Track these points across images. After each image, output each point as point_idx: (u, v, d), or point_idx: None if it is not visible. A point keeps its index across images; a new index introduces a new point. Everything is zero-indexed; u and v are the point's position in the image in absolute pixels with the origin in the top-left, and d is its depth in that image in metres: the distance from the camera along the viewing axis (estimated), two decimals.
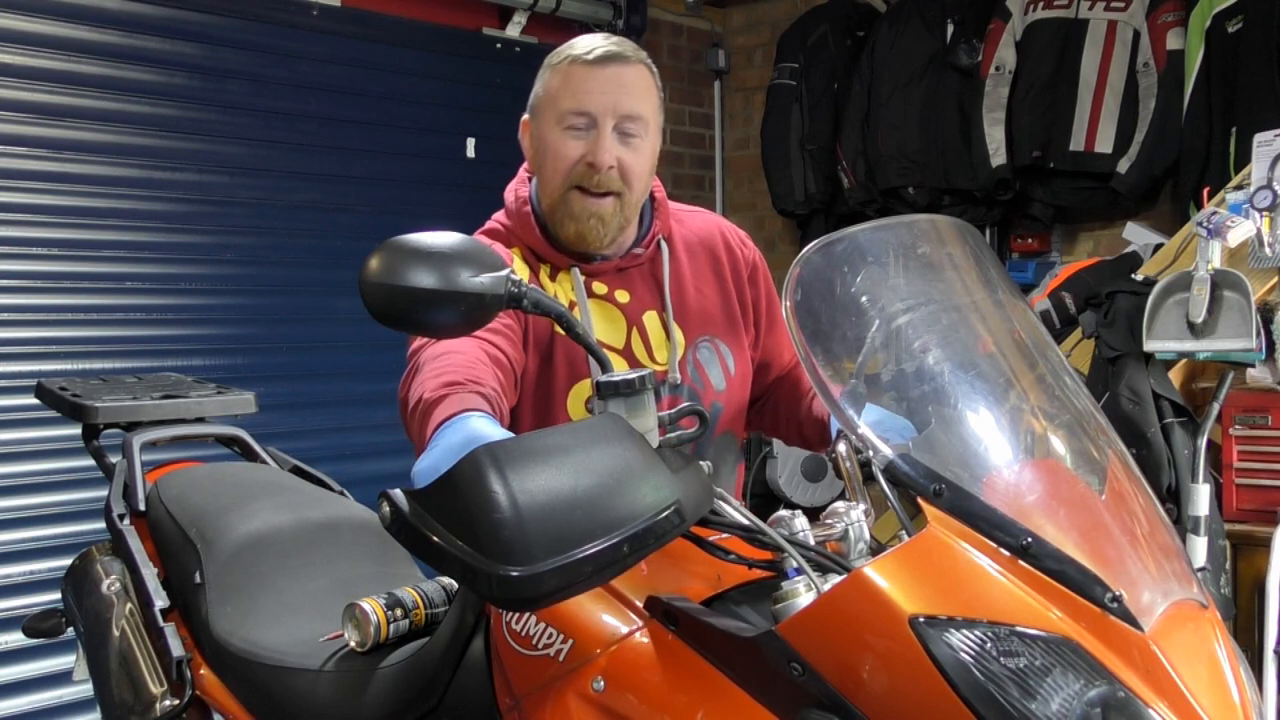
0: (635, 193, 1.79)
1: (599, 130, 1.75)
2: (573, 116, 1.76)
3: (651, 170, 1.83)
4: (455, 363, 1.59)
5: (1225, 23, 3.78)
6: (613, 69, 1.75)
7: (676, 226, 1.93)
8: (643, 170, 1.79)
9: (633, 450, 1.15)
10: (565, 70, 1.77)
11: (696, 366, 1.86)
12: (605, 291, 1.84)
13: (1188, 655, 1.13)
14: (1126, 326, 3.05)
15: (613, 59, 1.75)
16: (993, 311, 1.41)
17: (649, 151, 1.80)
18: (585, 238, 1.79)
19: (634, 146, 1.77)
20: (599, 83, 1.75)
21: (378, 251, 1.30)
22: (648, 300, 1.85)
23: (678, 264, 1.89)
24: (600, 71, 1.75)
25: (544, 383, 1.80)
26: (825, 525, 1.29)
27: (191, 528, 2.06)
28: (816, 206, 4.82)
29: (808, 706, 1.14)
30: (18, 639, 3.10)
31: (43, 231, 3.43)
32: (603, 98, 1.74)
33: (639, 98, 1.77)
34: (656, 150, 1.83)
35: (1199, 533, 2.85)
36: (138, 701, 1.99)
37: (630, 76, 1.76)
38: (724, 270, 1.93)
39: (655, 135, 1.82)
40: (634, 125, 1.76)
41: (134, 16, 3.60)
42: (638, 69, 1.78)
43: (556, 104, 1.77)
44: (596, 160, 1.74)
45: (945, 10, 4.42)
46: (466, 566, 1.05)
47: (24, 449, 3.37)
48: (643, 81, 1.78)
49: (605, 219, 1.78)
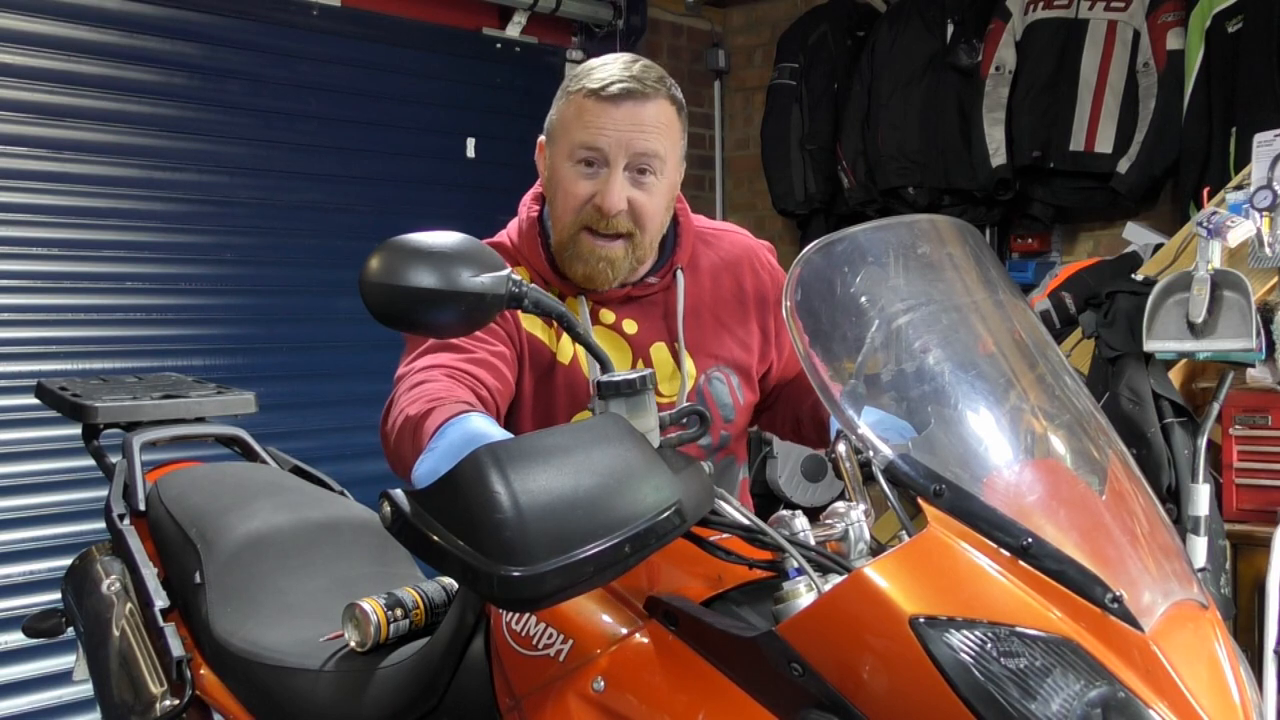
0: (649, 234, 1.72)
1: (610, 170, 1.67)
2: (584, 151, 1.68)
3: (668, 207, 1.76)
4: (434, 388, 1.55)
5: (1225, 23, 3.78)
6: (628, 107, 1.66)
7: (702, 249, 1.86)
8: (657, 210, 1.72)
9: (634, 450, 1.15)
10: (580, 102, 1.68)
11: (706, 399, 1.82)
12: (613, 320, 1.79)
13: (1188, 655, 1.13)
14: (1126, 326, 3.05)
15: (628, 96, 1.66)
16: (993, 311, 1.41)
17: (665, 189, 1.72)
18: (594, 279, 1.73)
19: (647, 186, 1.69)
20: (612, 120, 1.66)
21: (378, 251, 1.30)
22: (657, 331, 1.80)
23: (698, 290, 1.83)
24: (614, 109, 1.66)
25: (543, 407, 1.77)
26: (825, 525, 1.29)
27: (191, 528, 2.06)
28: (816, 206, 4.82)
29: (808, 707, 1.14)
30: (18, 639, 3.10)
31: (43, 231, 3.43)
32: (616, 135, 1.66)
33: (655, 135, 1.68)
34: (676, 185, 1.76)
35: (1199, 533, 2.85)
36: (138, 701, 1.99)
37: (648, 113, 1.67)
38: (747, 298, 1.87)
39: (674, 170, 1.74)
40: (649, 163, 1.68)
41: (134, 16, 3.60)
42: (657, 104, 1.68)
43: (569, 135, 1.70)
44: (605, 204, 1.67)
45: (945, 10, 4.42)
46: (467, 566, 1.05)
47: (24, 449, 3.37)
48: (661, 116, 1.69)
49: (615, 262, 1.72)
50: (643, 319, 1.80)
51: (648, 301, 1.80)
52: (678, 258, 1.82)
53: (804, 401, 1.91)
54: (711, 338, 1.83)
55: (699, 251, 1.86)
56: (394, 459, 1.54)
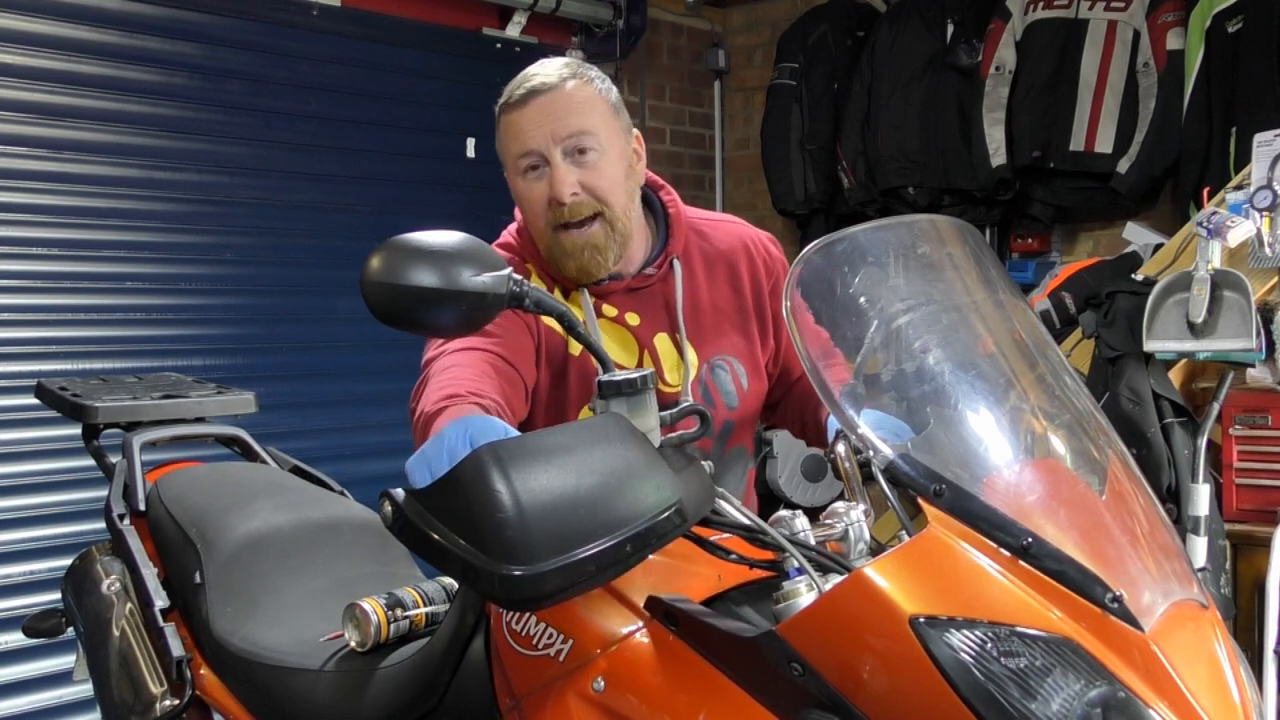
0: (616, 205, 1.76)
1: (551, 164, 1.73)
2: (522, 160, 1.75)
3: (628, 175, 1.79)
4: (458, 376, 1.59)
5: (1225, 23, 3.78)
6: (538, 101, 1.73)
7: (697, 240, 1.89)
8: (614, 180, 1.75)
9: (635, 450, 1.15)
10: (504, 119, 1.77)
11: (709, 387, 1.85)
12: (615, 314, 1.82)
13: (1188, 655, 1.13)
14: (1126, 326, 3.05)
15: (535, 93, 1.73)
16: (993, 311, 1.41)
17: (613, 159, 1.76)
18: (588, 270, 1.77)
19: (591, 164, 1.74)
20: (530, 119, 1.73)
21: (379, 250, 1.30)
22: (659, 322, 1.83)
23: (694, 281, 1.86)
24: (527, 109, 1.73)
25: (557, 399, 1.80)
26: (825, 525, 1.29)
27: (191, 528, 2.06)
28: (816, 206, 4.82)
29: (808, 707, 1.14)
30: (18, 639, 3.10)
31: (43, 231, 3.43)
32: (539, 131, 1.73)
33: (575, 114, 1.73)
34: (625, 152, 1.79)
35: (1199, 533, 2.85)
36: (138, 701, 1.99)
37: (559, 101, 1.73)
38: (744, 285, 1.89)
39: (615, 140, 1.77)
40: (581, 141, 1.73)
41: (134, 16, 3.60)
42: (566, 89, 1.74)
43: (507, 152, 1.78)
44: (557, 193, 1.73)
45: (945, 10, 4.42)
46: (468, 565, 1.05)
47: (24, 449, 3.36)
48: (576, 98, 1.74)
49: (600, 245, 1.76)
50: (644, 310, 1.83)
51: (647, 293, 1.83)
52: (672, 247, 1.85)
53: (808, 403, 1.93)
54: (712, 327, 1.85)
55: (694, 243, 1.89)
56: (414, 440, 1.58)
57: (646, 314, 1.82)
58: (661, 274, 1.84)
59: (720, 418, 1.86)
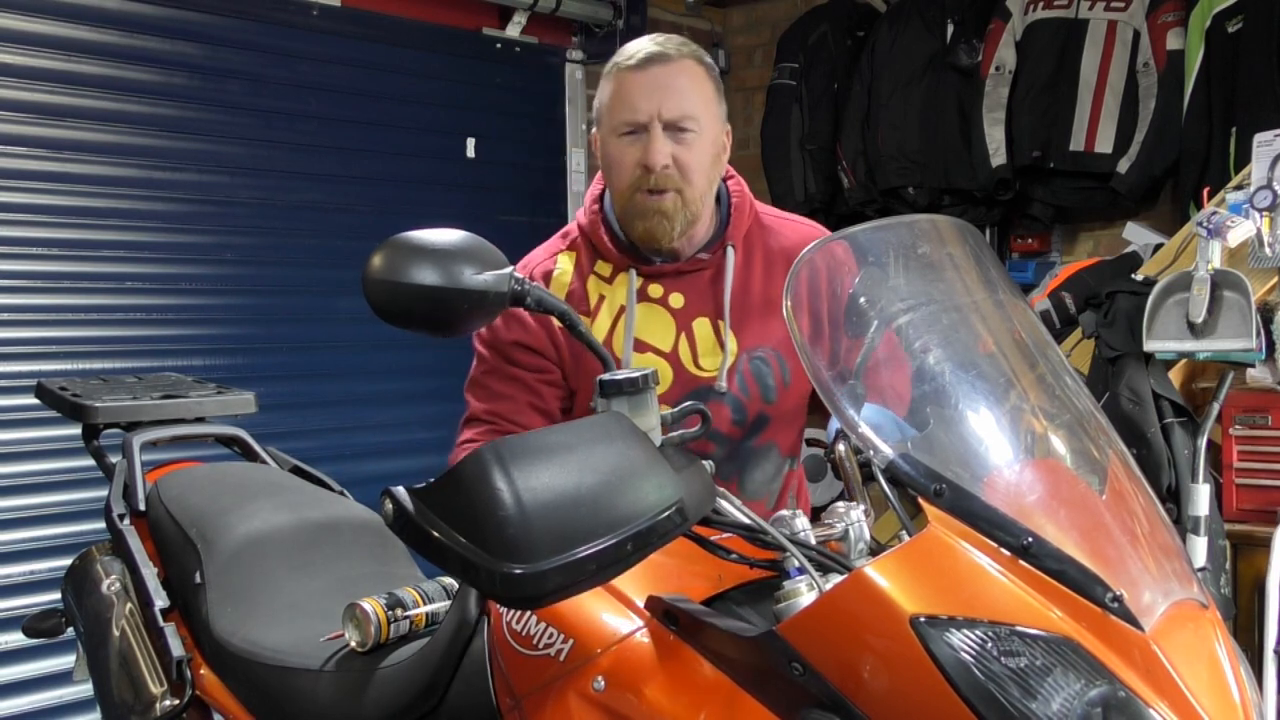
0: (696, 187, 1.81)
1: (650, 134, 1.78)
2: (624, 125, 1.80)
3: (713, 162, 1.84)
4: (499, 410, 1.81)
5: (1225, 23, 3.78)
6: (654, 71, 1.79)
7: (761, 233, 1.92)
8: (701, 164, 1.81)
9: (636, 449, 1.15)
10: (614, 79, 1.82)
11: (746, 377, 1.86)
12: (660, 295, 1.87)
13: (1188, 655, 1.13)
14: (1126, 326, 3.05)
15: (654, 60, 1.79)
16: (993, 311, 1.41)
17: (706, 145, 1.82)
18: (654, 234, 1.82)
19: (687, 143, 1.79)
20: (643, 88, 1.79)
21: (381, 249, 1.30)
22: (703, 306, 1.86)
23: (748, 271, 1.88)
24: (643, 76, 1.79)
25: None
26: (825, 525, 1.29)
27: (191, 528, 2.06)
28: (816, 206, 4.81)
29: (808, 706, 1.14)
30: (18, 639, 3.10)
31: (43, 231, 3.43)
32: (648, 102, 1.78)
33: (685, 96, 1.79)
34: (717, 140, 1.85)
35: (1199, 533, 2.85)
36: (138, 701, 1.99)
37: (675, 75, 1.79)
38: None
39: (713, 127, 1.83)
40: (684, 121, 1.79)
41: (134, 16, 3.60)
42: (682, 65, 1.80)
43: (610, 114, 1.83)
44: (650, 162, 1.78)
45: (945, 10, 4.41)
46: (469, 564, 1.05)
47: (24, 449, 3.36)
48: (688, 77, 1.80)
49: (669, 214, 1.81)
50: (690, 293, 1.86)
51: (697, 277, 1.87)
52: (730, 234, 1.88)
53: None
54: (759, 318, 1.86)
55: (757, 236, 1.92)
56: None
57: (691, 297, 1.86)
58: (715, 259, 1.87)
59: (754, 409, 1.87)
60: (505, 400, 1.87)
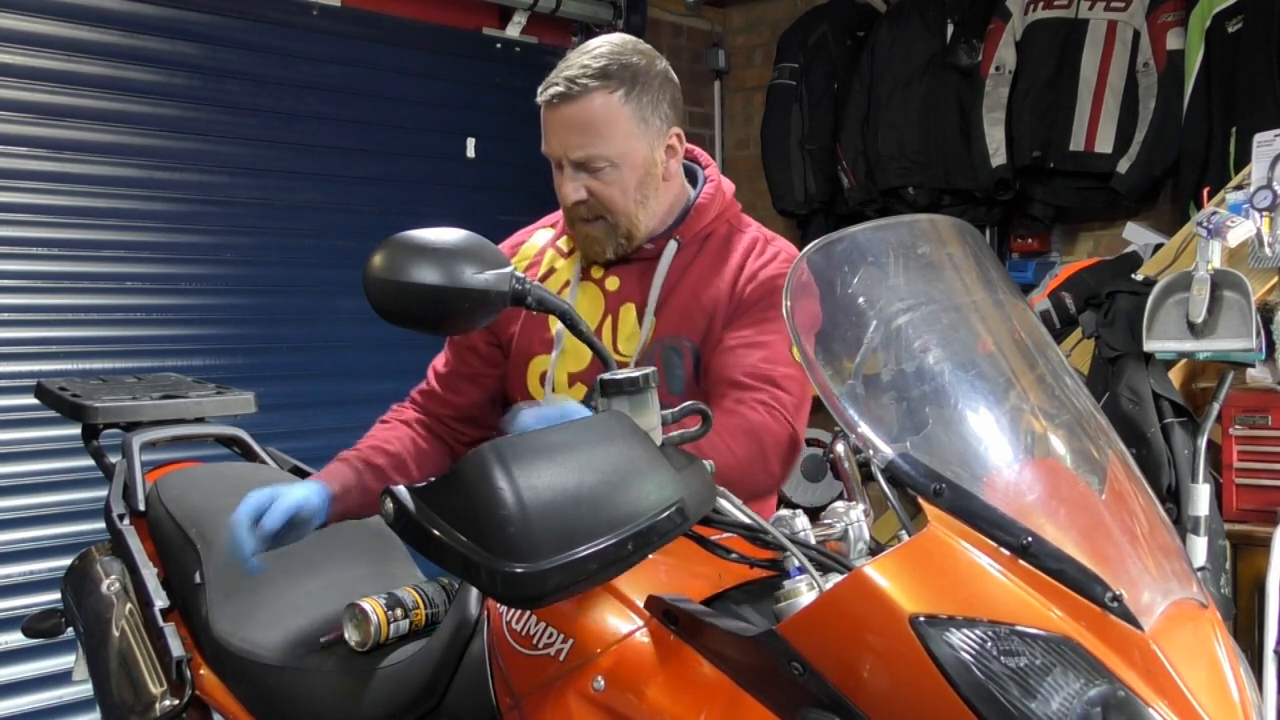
0: (621, 213, 1.80)
1: (563, 173, 1.79)
2: (550, 156, 1.82)
3: (641, 182, 1.80)
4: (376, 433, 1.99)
5: (1225, 23, 3.78)
6: (562, 110, 1.75)
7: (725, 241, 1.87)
8: (620, 193, 1.79)
9: (637, 448, 1.15)
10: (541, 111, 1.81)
11: (656, 364, 1.81)
12: (600, 276, 1.88)
13: (1188, 655, 1.13)
14: (1126, 326, 3.05)
15: (561, 99, 1.75)
16: (993, 311, 1.41)
17: (624, 174, 1.78)
18: (588, 253, 1.87)
19: (602, 178, 1.78)
20: (553, 127, 1.78)
21: (382, 248, 1.30)
22: (632, 292, 1.85)
23: (690, 268, 1.85)
24: (553, 114, 1.77)
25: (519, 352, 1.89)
26: (825, 525, 1.29)
27: (191, 528, 2.06)
28: (816, 206, 4.81)
29: (808, 706, 1.14)
30: (18, 639, 3.09)
31: (43, 231, 3.43)
32: (557, 142, 1.78)
33: (592, 135, 1.74)
34: (643, 163, 1.80)
35: (1199, 533, 2.85)
36: (138, 701, 1.99)
37: (581, 113, 1.74)
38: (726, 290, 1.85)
39: (632, 155, 1.78)
40: (592, 162, 1.76)
41: (134, 16, 3.60)
42: (589, 101, 1.74)
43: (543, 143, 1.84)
44: (562, 198, 1.81)
45: (945, 10, 4.41)
46: (470, 562, 1.06)
47: (24, 449, 3.36)
48: (595, 112, 1.74)
49: (598, 239, 1.83)
50: (626, 278, 1.87)
51: (636, 264, 1.87)
52: (680, 230, 1.87)
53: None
54: (683, 311, 1.83)
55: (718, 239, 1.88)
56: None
57: (626, 282, 1.86)
58: (656, 250, 1.86)
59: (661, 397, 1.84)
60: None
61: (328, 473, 1.85)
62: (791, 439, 1.72)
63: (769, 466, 1.67)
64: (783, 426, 1.70)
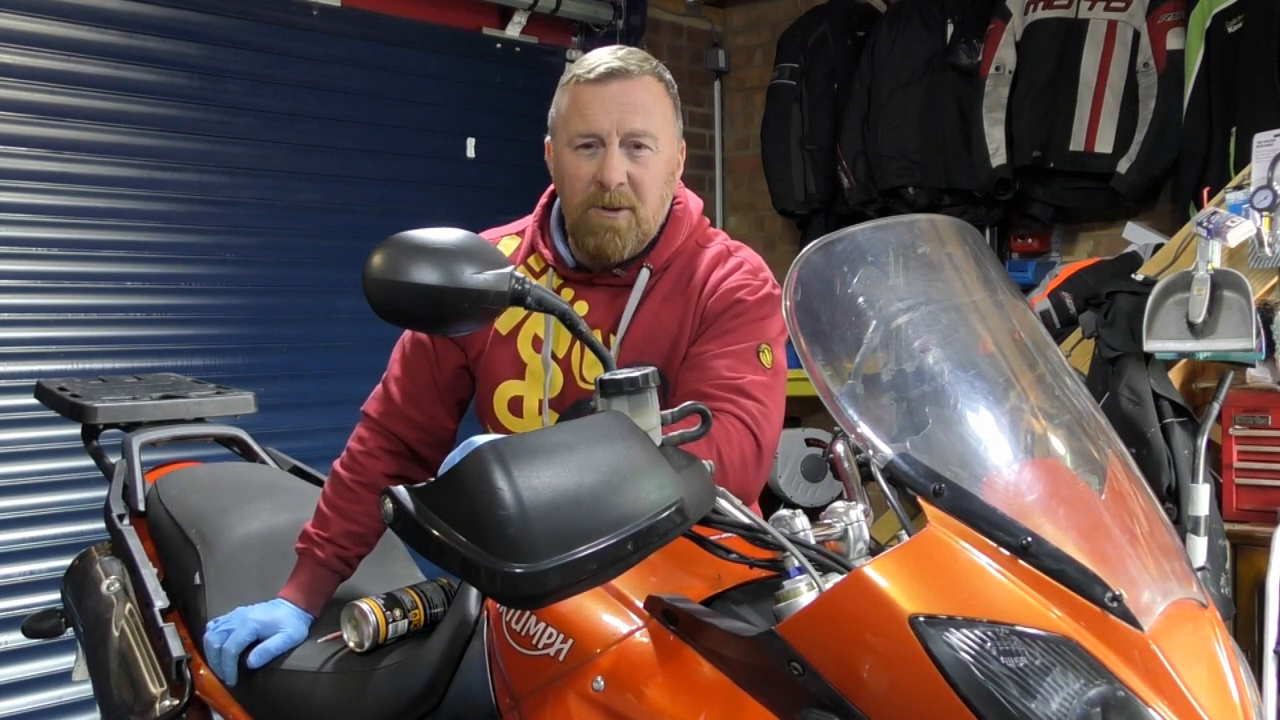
0: (649, 206, 1.78)
1: (607, 149, 1.74)
2: (581, 137, 1.75)
3: (667, 180, 1.80)
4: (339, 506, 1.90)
5: (1225, 23, 3.78)
6: (615, 86, 1.74)
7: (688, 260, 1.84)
8: (655, 182, 1.77)
9: (636, 448, 1.15)
10: (572, 91, 1.77)
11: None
12: (570, 298, 1.82)
13: (1187, 655, 1.13)
14: (1126, 326, 3.05)
15: (615, 75, 1.74)
16: (992, 311, 1.41)
17: (661, 163, 1.78)
18: (605, 250, 1.78)
19: (643, 161, 1.75)
20: (603, 102, 1.74)
21: (381, 247, 1.30)
22: (601, 320, 1.80)
23: (654, 294, 1.81)
24: (603, 90, 1.74)
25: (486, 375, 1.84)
26: (825, 525, 1.29)
27: (191, 528, 2.06)
28: (816, 206, 4.82)
29: (808, 706, 1.14)
30: (18, 639, 3.09)
31: (43, 231, 3.43)
32: (607, 117, 1.73)
33: (644, 113, 1.75)
34: (672, 159, 1.81)
35: (1199, 533, 2.85)
36: (137, 701, 1.99)
37: (635, 92, 1.75)
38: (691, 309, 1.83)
39: (669, 145, 1.79)
40: (642, 139, 1.75)
41: (134, 16, 3.60)
42: (643, 81, 1.76)
43: (567, 126, 1.77)
44: (606, 178, 1.73)
45: (945, 10, 4.41)
46: (469, 562, 1.06)
47: (24, 449, 3.36)
48: (648, 94, 1.76)
49: (621, 232, 1.77)
50: (595, 304, 1.82)
51: (606, 290, 1.82)
52: (651, 257, 1.82)
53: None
54: (648, 334, 1.80)
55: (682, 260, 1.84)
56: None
57: (595, 308, 1.82)
58: (629, 276, 1.82)
59: None
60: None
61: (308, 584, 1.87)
62: (756, 446, 1.70)
63: (723, 478, 1.62)
64: (743, 436, 1.68)
